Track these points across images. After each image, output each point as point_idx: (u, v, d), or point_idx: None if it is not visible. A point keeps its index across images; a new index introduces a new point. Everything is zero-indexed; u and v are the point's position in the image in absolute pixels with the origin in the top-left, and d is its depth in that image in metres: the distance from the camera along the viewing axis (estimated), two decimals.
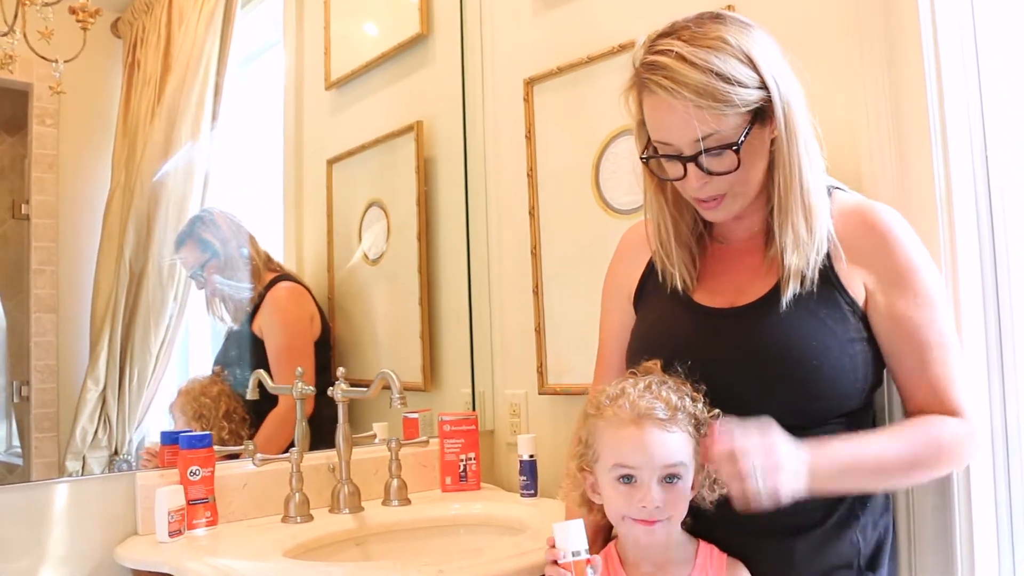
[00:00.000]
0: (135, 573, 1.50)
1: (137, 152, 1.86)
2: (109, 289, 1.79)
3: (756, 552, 1.18)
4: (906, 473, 1.15)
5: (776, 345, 1.16)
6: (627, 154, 1.82)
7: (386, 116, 2.27)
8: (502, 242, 2.16)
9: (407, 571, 1.25)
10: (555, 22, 2.01)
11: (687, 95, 1.10)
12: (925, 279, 1.18)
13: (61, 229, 1.72)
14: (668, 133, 1.16)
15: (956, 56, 1.36)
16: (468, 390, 2.18)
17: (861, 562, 1.19)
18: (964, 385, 1.18)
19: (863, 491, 1.19)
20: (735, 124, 1.12)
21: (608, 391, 1.14)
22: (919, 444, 1.14)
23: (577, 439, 1.18)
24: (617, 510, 1.12)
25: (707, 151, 1.13)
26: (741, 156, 1.13)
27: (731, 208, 1.21)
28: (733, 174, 1.15)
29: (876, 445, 1.15)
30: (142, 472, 1.59)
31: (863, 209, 1.22)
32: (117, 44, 1.85)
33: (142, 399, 1.82)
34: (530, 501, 1.81)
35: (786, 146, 1.15)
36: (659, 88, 1.12)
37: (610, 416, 1.12)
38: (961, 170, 1.36)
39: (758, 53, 1.13)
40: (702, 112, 1.10)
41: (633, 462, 1.09)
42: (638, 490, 1.09)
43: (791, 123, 1.15)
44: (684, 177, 1.17)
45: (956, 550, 1.32)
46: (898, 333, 1.18)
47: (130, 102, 1.86)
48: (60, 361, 1.72)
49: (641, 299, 1.36)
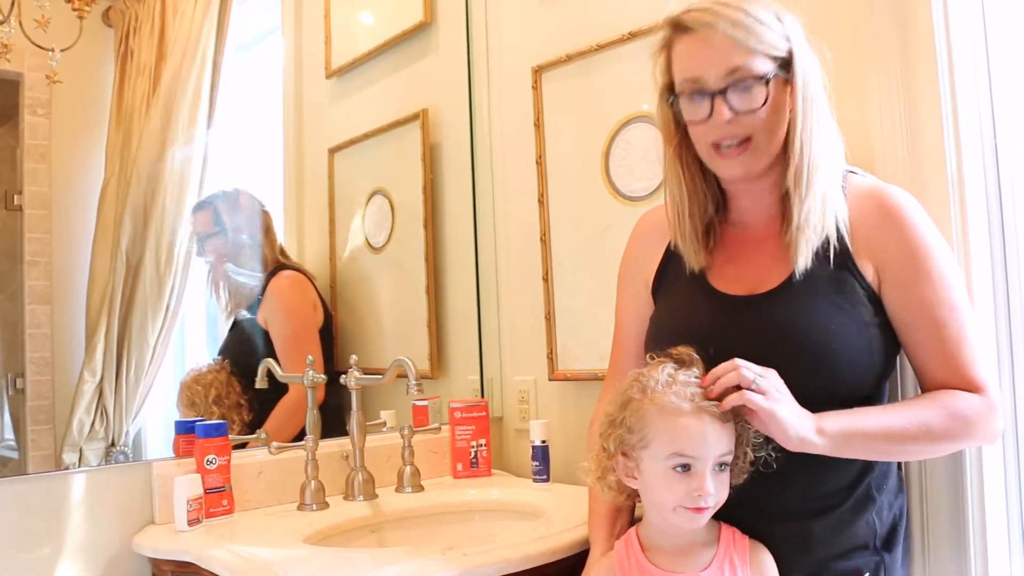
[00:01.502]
0: (153, 562, 1.51)
1: (132, 142, 1.84)
2: (105, 280, 1.78)
3: (774, 534, 1.19)
4: (922, 443, 1.16)
5: (796, 330, 1.18)
6: (638, 141, 1.83)
7: (389, 105, 2.27)
8: (509, 229, 2.17)
9: (432, 555, 1.26)
10: (562, 9, 2.01)
11: (722, 25, 1.16)
12: (939, 259, 1.19)
13: (54, 220, 1.71)
14: (698, 67, 1.19)
15: (967, 43, 1.38)
16: (475, 377, 2.19)
17: (877, 543, 1.21)
18: (983, 361, 1.19)
19: (879, 458, 1.21)
20: (763, 68, 1.16)
21: (655, 375, 1.14)
22: (935, 412, 1.15)
23: (616, 422, 1.16)
24: (668, 497, 1.12)
25: (735, 84, 1.17)
26: (768, 93, 1.17)
27: (751, 160, 1.21)
28: (757, 116, 1.18)
29: (888, 411, 1.18)
30: (159, 461, 1.59)
31: (877, 192, 1.24)
32: (108, 33, 1.83)
33: (139, 390, 1.81)
34: (543, 486, 1.83)
35: (801, 115, 1.18)
36: (695, 22, 1.18)
37: (665, 403, 1.11)
38: (972, 155, 1.38)
39: (788, 20, 1.20)
40: (736, 43, 1.16)
41: (694, 452, 1.10)
42: (693, 479, 1.10)
43: (809, 92, 1.18)
44: (709, 117, 1.19)
45: (968, 529, 1.34)
46: (914, 313, 1.19)
47: (123, 91, 1.85)
48: (55, 353, 1.71)
49: (660, 286, 1.37)
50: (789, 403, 1.10)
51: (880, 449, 1.17)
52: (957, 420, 1.15)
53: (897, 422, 1.14)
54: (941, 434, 1.15)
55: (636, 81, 1.80)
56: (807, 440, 1.09)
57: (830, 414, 1.12)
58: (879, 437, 1.14)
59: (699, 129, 1.22)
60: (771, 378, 1.11)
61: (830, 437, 1.10)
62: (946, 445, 1.19)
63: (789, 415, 1.08)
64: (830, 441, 1.10)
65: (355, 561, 1.31)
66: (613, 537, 1.26)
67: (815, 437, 1.09)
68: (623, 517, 1.29)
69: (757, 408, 1.08)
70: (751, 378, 1.09)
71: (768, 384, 1.10)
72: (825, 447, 1.10)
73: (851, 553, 1.20)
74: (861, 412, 1.15)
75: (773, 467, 1.12)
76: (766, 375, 1.11)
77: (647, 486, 1.14)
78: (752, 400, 1.08)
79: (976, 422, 1.16)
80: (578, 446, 1.79)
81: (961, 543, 1.35)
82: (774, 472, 1.13)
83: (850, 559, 1.19)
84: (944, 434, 1.15)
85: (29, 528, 1.46)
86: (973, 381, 1.17)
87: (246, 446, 1.75)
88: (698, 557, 1.16)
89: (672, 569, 1.15)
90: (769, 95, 1.17)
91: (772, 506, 1.18)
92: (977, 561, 1.34)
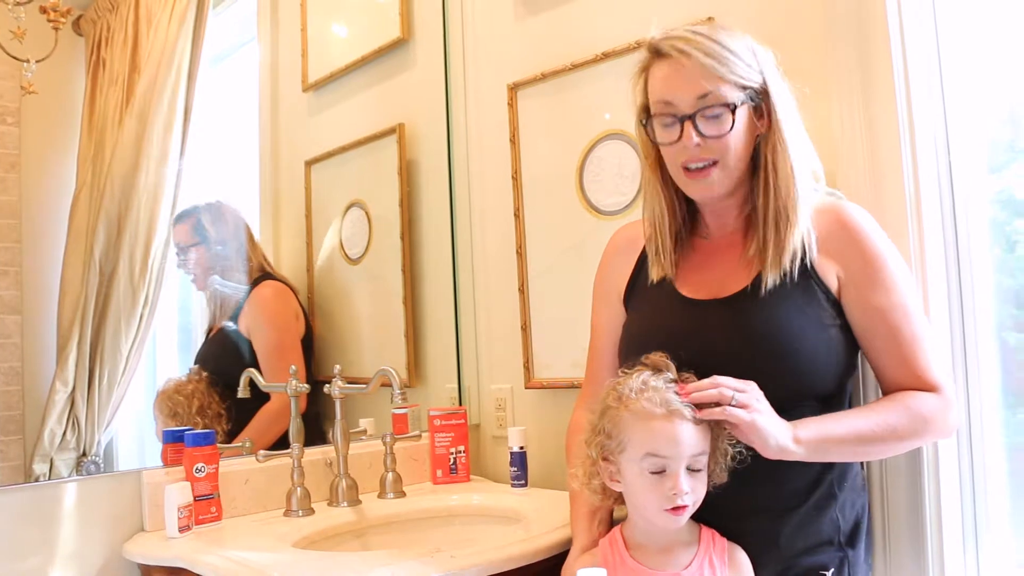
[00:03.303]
0: (143, 568, 1.53)
1: (106, 152, 1.84)
2: (78, 290, 1.78)
3: (744, 533, 1.26)
4: (889, 443, 1.25)
5: (759, 331, 1.26)
6: (611, 157, 1.89)
7: (366, 119, 2.30)
8: (486, 242, 2.22)
9: (420, 557, 1.31)
10: (537, 29, 2.07)
11: (696, 53, 1.24)
12: (893, 269, 1.28)
13: (24, 229, 1.70)
14: (671, 91, 1.27)
15: (923, 70, 1.47)
16: (453, 385, 2.23)
17: (841, 539, 1.28)
18: (937, 362, 1.28)
19: (851, 459, 1.30)
20: (732, 96, 1.24)
21: (629, 384, 1.20)
22: (898, 414, 1.23)
23: (596, 430, 1.23)
24: (646, 499, 1.18)
25: (704, 110, 1.24)
26: (735, 120, 1.24)
27: (716, 182, 1.29)
28: (723, 141, 1.25)
29: (855, 416, 1.26)
30: (148, 470, 1.62)
31: (836, 208, 1.32)
32: (79, 42, 1.82)
33: (112, 400, 1.81)
34: (521, 491, 1.87)
35: (775, 141, 1.27)
36: (673, 50, 1.26)
37: (638, 409, 1.17)
38: (927, 172, 1.46)
39: (761, 53, 1.27)
40: (706, 71, 1.23)
41: (666, 452, 1.16)
42: (668, 479, 1.16)
43: (783, 119, 1.27)
44: (679, 139, 1.27)
45: (926, 526, 1.42)
46: (872, 319, 1.27)
47: (95, 101, 1.85)
48: (25, 363, 1.70)
49: (632, 295, 1.44)
50: (768, 414, 1.17)
51: (852, 451, 1.25)
52: (918, 419, 1.23)
53: (866, 426, 1.22)
54: (905, 433, 1.24)
55: (609, 99, 1.87)
56: (786, 449, 1.16)
57: (804, 422, 1.19)
58: (850, 441, 1.22)
59: (670, 150, 1.30)
60: (751, 391, 1.17)
61: (806, 445, 1.17)
62: (910, 443, 1.28)
63: (768, 425, 1.15)
64: (806, 448, 1.17)
65: (346, 564, 1.35)
66: (593, 534, 1.32)
67: (793, 446, 1.16)
68: (603, 516, 1.34)
69: (739, 422, 1.14)
70: (730, 395, 1.15)
71: (748, 397, 1.16)
72: (802, 454, 1.17)
73: (817, 549, 1.27)
74: (832, 418, 1.23)
75: (753, 464, 1.19)
76: (746, 388, 1.17)
77: (627, 488, 1.21)
78: (733, 414, 1.14)
79: (935, 419, 1.25)
80: (554, 452, 1.83)
81: (919, 539, 1.43)
82: (742, 474, 1.20)
83: (816, 555, 1.26)
84: (908, 433, 1.24)
85: (20, 536, 1.48)
86: (929, 381, 1.26)
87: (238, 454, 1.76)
88: (680, 556, 1.22)
89: (655, 567, 1.21)
90: (736, 122, 1.24)
91: (741, 506, 1.25)
92: (934, 555, 1.42)
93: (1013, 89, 1.50)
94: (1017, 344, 1.49)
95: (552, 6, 2.03)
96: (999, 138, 1.51)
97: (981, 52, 1.49)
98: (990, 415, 1.47)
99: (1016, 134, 1.51)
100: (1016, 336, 1.49)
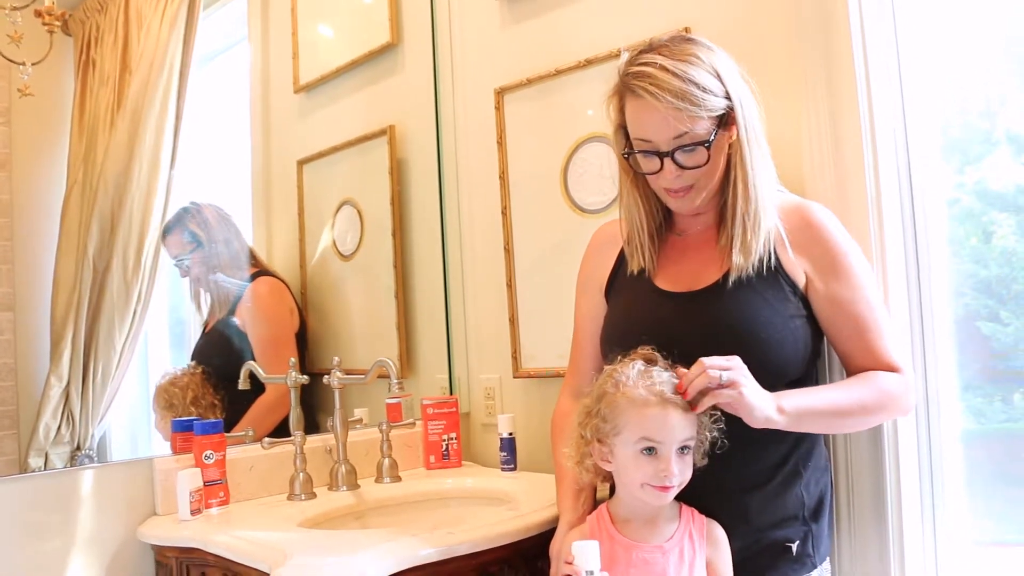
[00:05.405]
0: (157, 549, 1.63)
1: (98, 151, 1.87)
2: (71, 286, 1.81)
3: (716, 508, 1.36)
4: (858, 416, 1.36)
5: (725, 321, 1.36)
6: (594, 159, 1.98)
7: (357, 120, 2.36)
8: (475, 239, 2.29)
9: (420, 533, 1.40)
10: (523, 36, 2.14)
11: (668, 98, 1.30)
12: (854, 263, 1.39)
13: (16, 228, 1.73)
14: (648, 131, 1.35)
15: (884, 77, 1.57)
16: (444, 376, 2.31)
17: (806, 514, 1.39)
18: (896, 346, 1.39)
19: (826, 431, 1.44)
20: (705, 127, 1.32)
21: (625, 372, 1.29)
22: (868, 390, 1.35)
23: (591, 413, 1.31)
24: (637, 478, 1.27)
25: (681, 148, 1.33)
26: (710, 152, 1.33)
27: (696, 199, 1.40)
28: (701, 169, 1.35)
29: (831, 390, 1.38)
30: (160, 458, 1.70)
31: (801, 208, 1.43)
32: (68, 42, 1.85)
33: (106, 394, 1.85)
34: (511, 475, 1.97)
35: (742, 151, 1.36)
36: (644, 92, 1.31)
37: (634, 396, 1.26)
38: (888, 173, 1.56)
39: (724, 70, 1.35)
40: (680, 113, 1.30)
41: (659, 437, 1.25)
42: (660, 461, 1.25)
43: (748, 132, 1.36)
44: (660, 171, 1.36)
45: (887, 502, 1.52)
46: (836, 309, 1.38)
47: (85, 101, 1.87)
48: (19, 359, 1.73)
49: (612, 289, 1.54)
50: (753, 386, 1.25)
51: (827, 423, 1.37)
52: (885, 396, 1.35)
53: (840, 399, 1.34)
54: (873, 408, 1.35)
55: (592, 104, 1.96)
56: (771, 419, 1.25)
57: (786, 393, 1.29)
58: (827, 413, 1.33)
59: (651, 178, 1.40)
60: (736, 367, 1.25)
61: (788, 415, 1.27)
62: (876, 417, 1.40)
63: (754, 397, 1.23)
64: (788, 418, 1.27)
65: (352, 540, 1.44)
66: (580, 511, 1.42)
67: (776, 416, 1.25)
68: (587, 494, 1.45)
69: (730, 400, 1.22)
70: (717, 376, 1.23)
71: (735, 374, 1.24)
72: (785, 423, 1.27)
73: (783, 523, 1.37)
74: (811, 391, 1.34)
75: (727, 446, 1.28)
76: (731, 364, 1.25)
77: (619, 468, 1.30)
78: (723, 395, 1.22)
79: (898, 397, 1.36)
80: (541, 437, 1.92)
81: (881, 515, 1.53)
82: (713, 455, 1.30)
83: (782, 528, 1.37)
84: (875, 408, 1.35)
85: (41, 521, 1.56)
86: (890, 365, 1.37)
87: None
88: (662, 530, 1.31)
89: (640, 540, 1.30)
90: (711, 154, 1.34)
91: (713, 484, 1.33)
92: (894, 531, 1.52)
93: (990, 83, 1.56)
94: (991, 333, 1.56)
95: (536, 14, 2.11)
96: (975, 130, 1.58)
97: (939, 53, 1.58)
98: (947, 400, 1.57)
99: (993, 126, 1.57)
100: (989, 325, 1.56)
